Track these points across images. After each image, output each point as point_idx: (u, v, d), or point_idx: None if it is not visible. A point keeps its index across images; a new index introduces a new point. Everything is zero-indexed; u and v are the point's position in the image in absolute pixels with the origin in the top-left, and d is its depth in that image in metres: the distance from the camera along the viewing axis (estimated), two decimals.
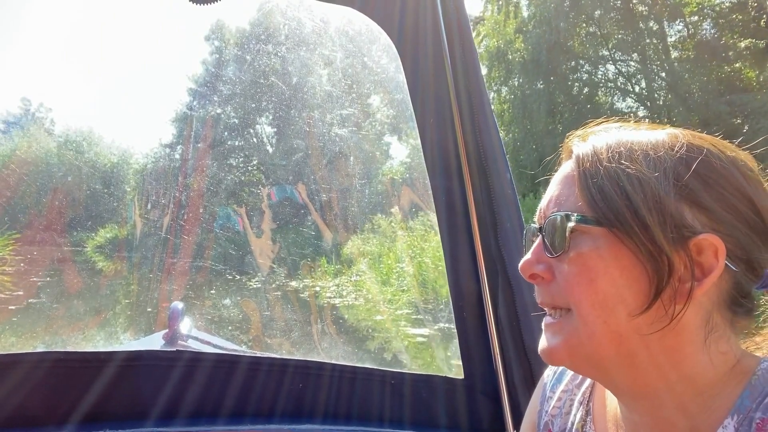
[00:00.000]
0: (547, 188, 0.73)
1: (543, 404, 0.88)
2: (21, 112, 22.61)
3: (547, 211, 0.70)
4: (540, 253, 0.70)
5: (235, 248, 14.98)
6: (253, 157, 19.59)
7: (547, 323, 0.71)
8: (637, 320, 0.63)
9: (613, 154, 0.66)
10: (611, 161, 0.65)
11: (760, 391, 0.62)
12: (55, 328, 8.64)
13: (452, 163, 1.50)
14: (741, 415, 0.61)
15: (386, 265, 11.86)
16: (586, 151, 0.68)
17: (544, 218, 0.70)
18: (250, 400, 1.54)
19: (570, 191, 0.68)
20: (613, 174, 0.65)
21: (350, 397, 1.55)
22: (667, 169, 0.64)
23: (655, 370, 0.65)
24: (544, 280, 0.69)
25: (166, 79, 36.36)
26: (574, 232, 0.65)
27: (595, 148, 0.68)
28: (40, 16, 26.13)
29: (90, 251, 17.09)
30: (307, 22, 12.29)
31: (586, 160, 0.67)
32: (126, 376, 1.51)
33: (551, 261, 0.68)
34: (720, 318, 0.65)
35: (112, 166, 20.21)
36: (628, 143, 0.67)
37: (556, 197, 0.69)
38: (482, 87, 1.49)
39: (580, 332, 0.65)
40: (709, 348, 0.65)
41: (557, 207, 0.68)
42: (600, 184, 0.65)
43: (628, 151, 0.66)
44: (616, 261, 0.63)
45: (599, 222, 0.64)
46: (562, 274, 0.67)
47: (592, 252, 0.64)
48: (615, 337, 0.64)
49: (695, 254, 0.62)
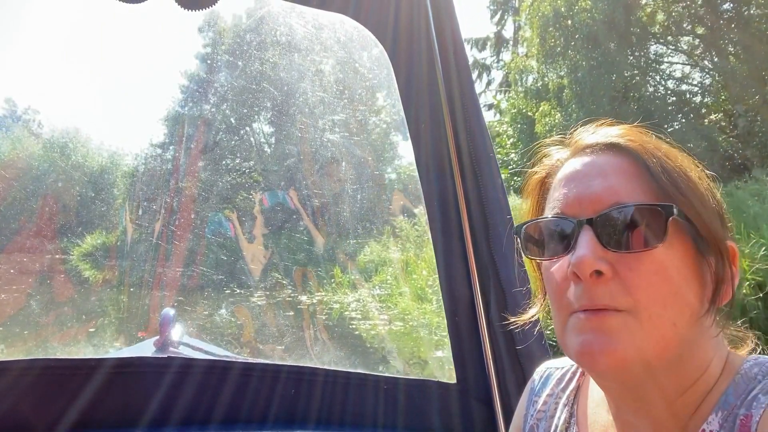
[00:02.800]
0: (572, 180, 0.68)
1: (529, 408, 0.89)
2: (5, 113, 22.10)
3: (603, 202, 0.64)
4: (597, 247, 0.62)
5: (236, 256, 14.31)
6: (249, 161, 19.28)
7: (589, 318, 0.62)
8: (699, 322, 0.62)
9: (664, 152, 0.65)
10: (668, 158, 0.65)
11: (744, 388, 0.63)
12: (42, 336, 8.49)
13: (444, 167, 1.51)
14: (725, 411, 0.63)
15: (419, 275, 10.05)
16: (637, 145, 0.66)
17: (594, 210, 0.64)
18: (242, 406, 1.53)
19: (632, 183, 0.63)
20: (676, 171, 0.63)
21: (343, 402, 1.54)
22: (707, 179, 0.66)
23: (696, 372, 0.64)
24: (602, 277, 0.62)
25: (156, 77, 35.64)
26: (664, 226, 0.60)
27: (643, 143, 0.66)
28: (26, 15, 25.64)
29: (75, 259, 16.52)
30: (299, 28, 12.30)
31: (646, 153, 0.65)
32: (117, 383, 1.50)
33: (611, 256, 0.62)
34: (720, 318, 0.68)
35: (100, 168, 19.65)
36: (658, 143, 0.68)
37: (616, 188, 0.64)
38: (474, 92, 1.50)
39: (644, 335, 0.60)
40: (716, 348, 0.67)
41: (623, 198, 0.63)
42: (673, 179, 0.62)
43: (665, 151, 0.66)
44: (684, 260, 0.62)
45: (686, 216, 0.61)
46: (634, 271, 0.61)
47: (668, 248, 0.61)
48: (680, 340, 0.61)
49: (730, 258, 0.65)
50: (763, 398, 0.60)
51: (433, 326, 8.19)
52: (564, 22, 15.64)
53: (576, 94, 15.40)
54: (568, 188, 0.67)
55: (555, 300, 0.67)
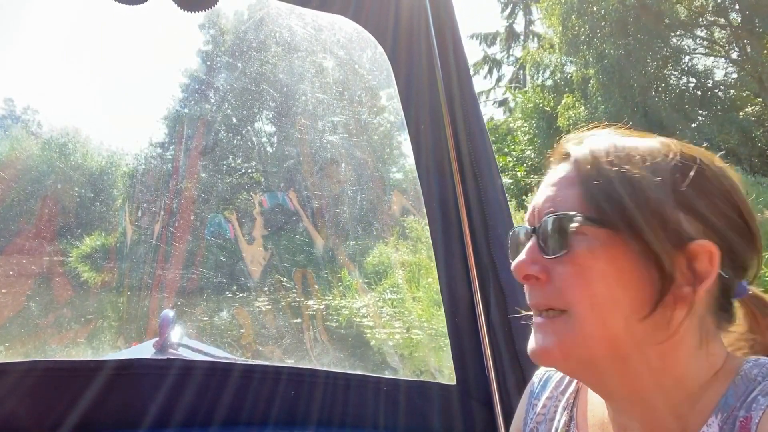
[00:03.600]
0: (539, 190, 0.73)
1: (528, 411, 0.89)
2: (4, 113, 21.62)
3: (543, 211, 0.69)
4: (534, 253, 0.69)
5: (238, 258, 13.81)
6: (249, 161, 19.09)
7: (539, 323, 0.69)
8: (638, 326, 0.64)
9: (613, 158, 0.67)
10: (612, 164, 0.66)
11: (743, 390, 0.63)
12: (41, 338, 8.45)
13: (444, 168, 1.51)
14: (725, 413, 0.63)
15: (434, 279, 9.24)
16: (584, 153, 0.69)
17: (538, 219, 0.70)
18: (242, 408, 1.53)
19: (569, 192, 0.68)
20: (615, 177, 0.65)
21: (343, 403, 1.54)
22: (665, 175, 0.65)
23: (649, 374, 0.66)
24: (539, 281, 0.68)
25: (156, 76, 35.18)
26: (574, 233, 0.65)
27: (593, 150, 0.69)
28: (25, 14, 25.37)
29: (74, 260, 16.19)
30: (298, 29, 12.25)
31: (586, 162, 0.68)
32: (117, 385, 1.50)
33: (547, 262, 0.68)
34: (710, 322, 0.67)
35: (99, 169, 19.37)
36: (626, 147, 0.68)
37: (553, 198, 0.69)
38: (473, 93, 1.50)
39: (576, 333, 0.65)
40: (702, 351, 0.66)
41: (555, 207, 0.68)
42: (603, 187, 0.65)
43: (626, 155, 0.67)
44: (613, 264, 0.64)
45: (603, 223, 0.64)
46: (560, 275, 0.66)
47: (590, 253, 0.65)
48: (612, 340, 0.65)
49: (692, 260, 0.64)
50: (762, 400, 0.60)
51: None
52: (589, 8, 14.85)
53: (602, 85, 14.52)
54: (534, 197, 0.74)
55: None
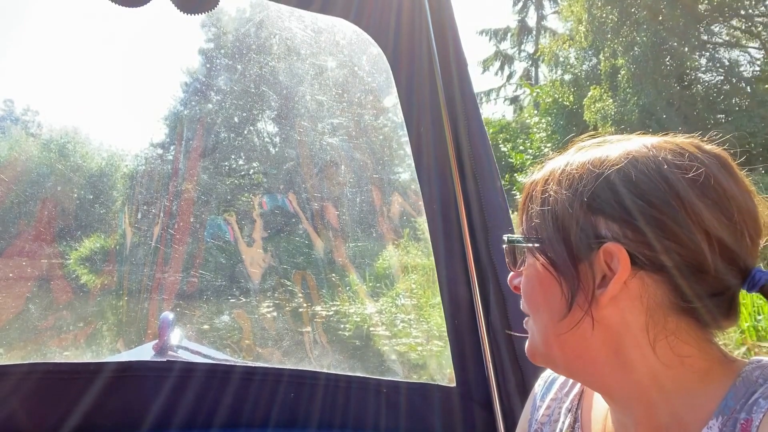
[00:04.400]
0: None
1: (533, 413, 0.90)
2: (4, 114, 21.20)
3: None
4: (512, 267, 0.81)
5: (244, 262, 13.05)
6: (253, 161, 18.96)
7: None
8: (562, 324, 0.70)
9: (546, 180, 0.75)
10: (543, 186, 0.75)
11: (744, 392, 0.63)
12: (40, 341, 8.41)
13: (444, 170, 1.51)
14: (725, 416, 0.63)
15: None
16: (531, 179, 0.79)
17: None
18: (243, 410, 1.53)
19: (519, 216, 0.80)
20: (537, 198, 0.74)
21: (343, 406, 1.54)
22: (583, 187, 0.69)
23: (612, 373, 0.69)
24: (518, 290, 0.80)
25: (157, 76, 34.63)
26: (517, 252, 0.78)
27: (536, 176, 0.78)
28: (25, 14, 25.10)
29: (73, 263, 15.90)
30: (298, 31, 12.24)
31: (529, 187, 0.78)
32: (117, 387, 1.50)
33: (517, 275, 0.80)
34: (675, 322, 0.65)
35: (99, 170, 19.01)
36: (562, 167, 0.73)
37: (518, 220, 0.81)
38: (473, 95, 1.51)
39: (534, 335, 0.76)
40: (661, 351, 0.65)
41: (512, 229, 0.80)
42: (529, 209, 0.75)
43: (558, 175, 0.74)
44: (538, 275, 0.73)
45: (527, 241, 0.75)
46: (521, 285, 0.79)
47: (528, 268, 0.76)
48: (552, 340, 0.73)
49: (608, 262, 0.65)
50: (763, 402, 0.60)
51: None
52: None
53: (633, 76, 13.31)
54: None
55: None
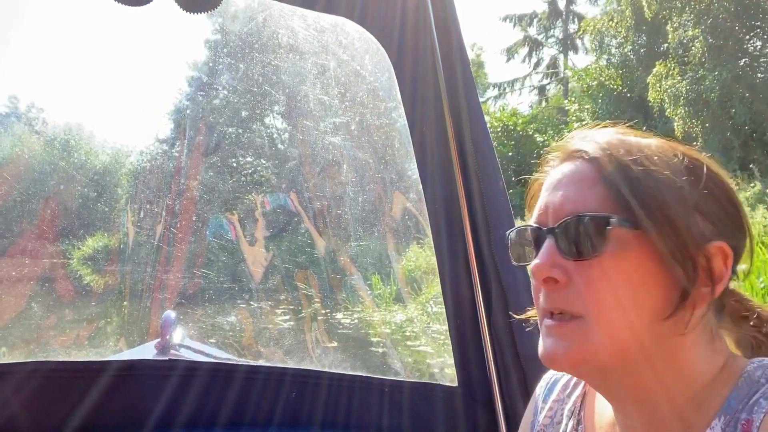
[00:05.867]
0: (548, 188, 0.71)
1: (536, 416, 0.89)
2: (9, 111, 21.14)
3: (562, 211, 0.67)
4: (554, 255, 0.66)
5: (256, 265, 12.15)
6: (260, 158, 18.77)
7: (551, 326, 0.67)
8: (661, 326, 0.64)
9: (636, 157, 0.66)
10: (636, 164, 0.65)
11: (746, 392, 0.63)
12: (42, 340, 8.40)
13: (446, 169, 1.51)
14: (728, 416, 0.63)
15: None
16: (604, 152, 0.67)
17: (554, 219, 0.67)
18: (246, 410, 1.53)
19: (592, 192, 0.65)
20: (641, 177, 0.64)
21: (346, 405, 1.55)
22: (682, 176, 0.65)
23: (659, 375, 0.66)
24: (557, 284, 0.66)
25: (161, 73, 34.41)
26: (604, 236, 0.63)
27: (613, 149, 0.67)
28: (29, 11, 24.92)
29: (76, 262, 15.77)
30: (300, 30, 12.11)
31: (609, 161, 0.66)
32: (119, 386, 1.51)
33: (568, 264, 0.65)
34: (713, 320, 0.68)
35: (103, 167, 18.91)
36: (641, 146, 0.67)
37: (574, 198, 0.66)
38: (475, 94, 1.51)
39: (595, 339, 0.64)
40: (709, 350, 0.67)
41: (579, 208, 0.65)
42: (631, 187, 0.63)
43: (646, 155, 0.66)
44: (641, 265, 0.63)
45: (635, 225, 0.63)
46: (584, 278, 0.64)
47: (619, 255, 0.63)
48: (636, 343, 0.64)
49: (709, 260, 0.64)
50: (764, 403, 0.60)
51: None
52: None
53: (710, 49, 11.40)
54: (543, 197, 0.72)
55: (534, 301, 0.72)
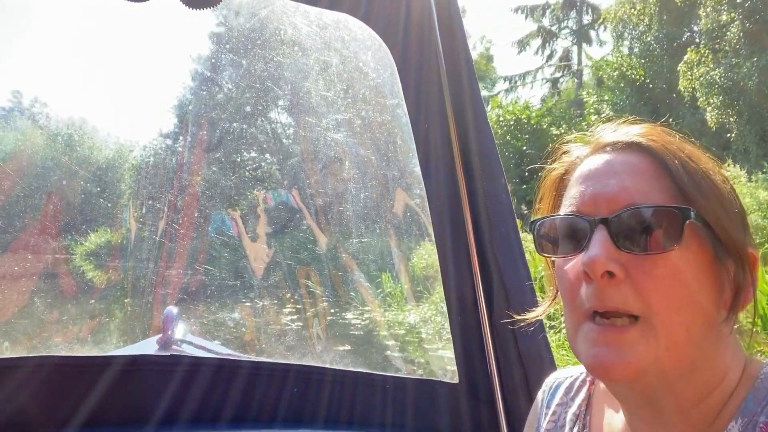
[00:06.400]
0: (590, 177, 0.67)
1: (540, 420, 0.87)
2: (12, 106, 20.81)
3: (619, 202, 0.62)
4: (610, 248, 0.60)
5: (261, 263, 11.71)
6: (265, 153, 18.68)
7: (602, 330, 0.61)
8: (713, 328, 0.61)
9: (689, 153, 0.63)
10: (692, 160, 0.63)
11: (764, 394, 0.62)
12: (45, 335, 8.42)
13: (448, 166, 1.51)
14: (745, 418, 0.61)
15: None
16: (659, 145, 0.64)
17: (609, 209, 0.62)
18: (250, 405, 1.54)
19: (653, 184, 0.62)
20: (701, 174, 0.62)
21: (348, 401, 1.55)
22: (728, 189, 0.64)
23: (701, 381, 0.63)
24: (613, 279, 0.60)
25: (164, 68, 34.13)
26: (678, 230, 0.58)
27: (665, 143, 0.65)
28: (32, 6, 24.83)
29: (79, 258, 15.62)
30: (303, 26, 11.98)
31: (669, 154, 0.63)
32: (121, 381, 1.51)
33: (625, 258, 0.60)
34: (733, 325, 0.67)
35: (106, 162, 18.76)
36: (682, 143, 0.66)
37: (632, 188, 0.62)
38: (477, 91, 1.50)
39: (660, 343, 0.59)
40: (736, 352, 0.66)
41: (640, 199, 0.61)
42: (695, 181, 0.61)
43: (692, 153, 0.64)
44: (702, 263, 0.61)
45: (704, 220, 0.60)
46: (648, 274, 0.59)
47: (686, 251, 0.59)
48: (693, 347, 0.60)
49: (749, 264, 0.63)
50: None
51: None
52: None
53: (747, 34, 10.64)
54: (585, 186, 0.66)
55: (567, 299, 0.66)
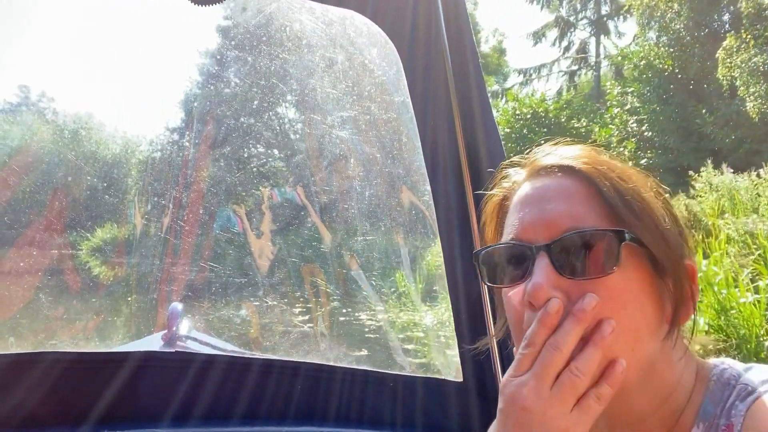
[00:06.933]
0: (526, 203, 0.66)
1: None
2: (19, 100, 20.62)
3: (557, 227, 0.62)
4: (552, 275, 0.60)
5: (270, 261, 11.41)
6: (273, 148, 18.68)
7: None
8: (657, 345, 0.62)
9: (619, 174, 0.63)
10: (622, 180, 0.62)
11: (720, 396, 0.63)
12: (51, 330, 8.47)
13: (453, 166, 1.51)
14: (706, 422, 0.62)
15: None
16: (590, 167, 0.64)
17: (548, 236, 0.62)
18: (261, 403, 1.56)
19: (585, 207, 0.62)
20: (633, 193, 0.62)
21: (357, 399, 1.56)
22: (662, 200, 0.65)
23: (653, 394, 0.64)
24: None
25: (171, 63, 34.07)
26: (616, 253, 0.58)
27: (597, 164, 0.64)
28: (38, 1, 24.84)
29: (85, 254, 15.70)
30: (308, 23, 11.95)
31: (600, 176, 0.63)
32: (126, 377, 1.52)
33: (567, 284, 0.60)
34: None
35: (113, 157, 18.82)
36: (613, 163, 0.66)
37: (567, 213, 0.62)
38: (484, 91, 1.50)
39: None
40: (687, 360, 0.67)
41: (575, 223, 0.61)
42: (626, 202, 0.61)
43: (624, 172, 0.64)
44: (640, 282, 0.61)
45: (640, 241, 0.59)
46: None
47: (624, 273, 0.60)
48: (639, 363, 0.61)
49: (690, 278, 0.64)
50: (741, 405, 0.60)
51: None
52: None
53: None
54: (523, 212, 0.66)
55: (514, 326, 0.67)
